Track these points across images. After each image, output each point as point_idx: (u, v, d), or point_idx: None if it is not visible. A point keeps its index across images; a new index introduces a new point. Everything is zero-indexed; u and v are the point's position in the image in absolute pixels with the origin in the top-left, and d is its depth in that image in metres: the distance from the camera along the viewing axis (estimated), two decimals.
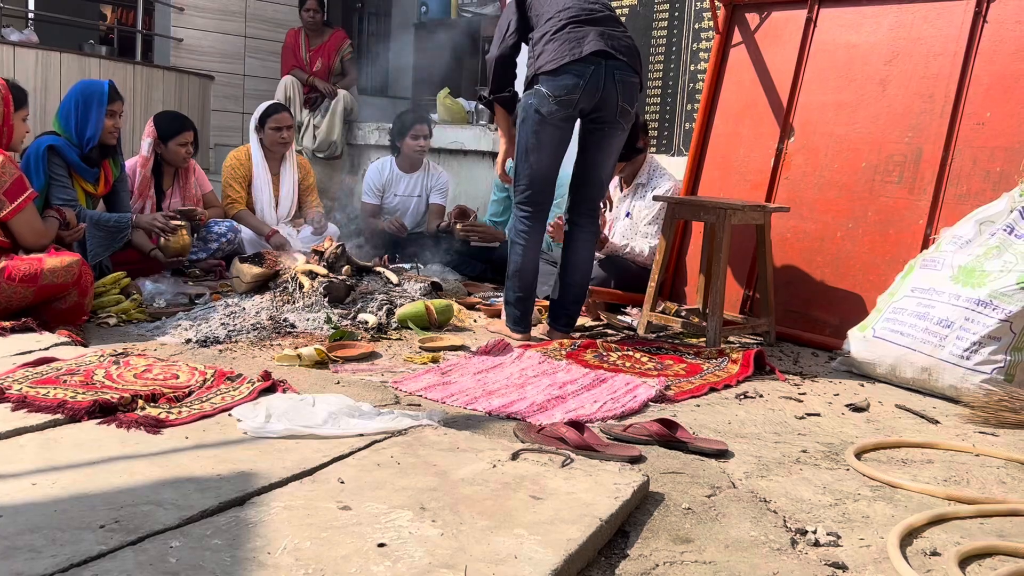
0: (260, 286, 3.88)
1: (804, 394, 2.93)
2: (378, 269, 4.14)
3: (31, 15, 6.82)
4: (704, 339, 3.54)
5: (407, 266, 4.74)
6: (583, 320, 3.93)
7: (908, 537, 1.80)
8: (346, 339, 3.30)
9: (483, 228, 4.98)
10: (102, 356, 2.68)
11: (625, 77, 3.30)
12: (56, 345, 2.82)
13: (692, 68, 4.93)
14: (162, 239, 4.02)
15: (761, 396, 2.87)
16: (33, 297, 3.08)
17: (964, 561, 1.69)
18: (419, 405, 2.54)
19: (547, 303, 4.22)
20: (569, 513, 1.69)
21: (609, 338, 3.60)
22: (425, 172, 5.46)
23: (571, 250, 3.54)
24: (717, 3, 4.28)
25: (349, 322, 3.53)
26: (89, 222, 3.71)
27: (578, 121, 3.43)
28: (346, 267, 3.96)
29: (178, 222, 4.08)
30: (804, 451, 2.33)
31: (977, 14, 3.54)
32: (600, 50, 3.23)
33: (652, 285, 3.76)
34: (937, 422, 2.69)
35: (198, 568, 1.40)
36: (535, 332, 3.57)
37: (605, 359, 3.22)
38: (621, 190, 4.47)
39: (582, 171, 3.48)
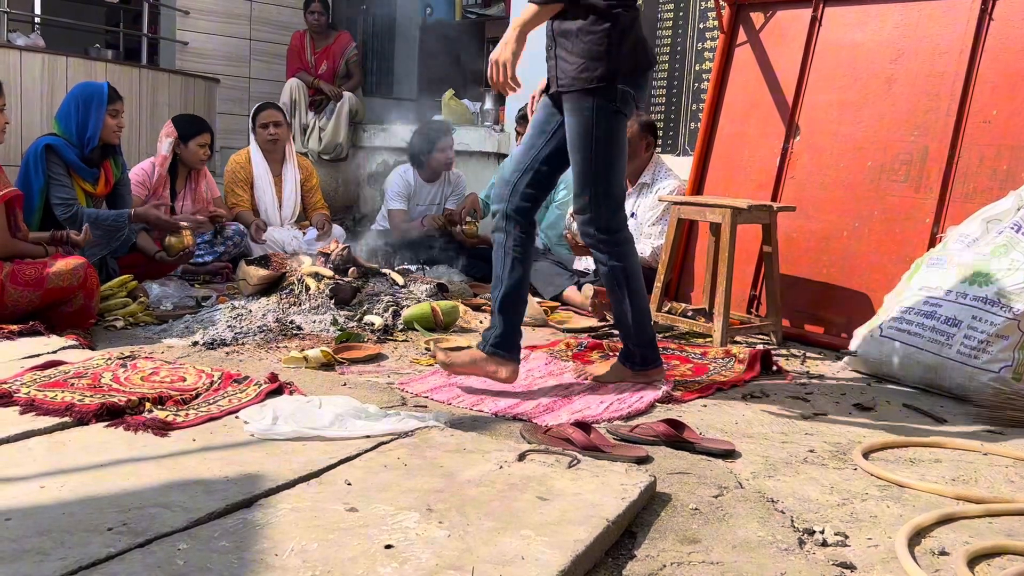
0: (266, 288, 3.88)
1: (811, 394, 2.92)
2: (384, 271, 4.15)
3: (37, 19, 6.84)
4: (710, 339, 3.54)
5: (413, 267, 4.75)
6: (588, 321, 3.93)
7: (916, 537, 1.79)
8: (352, 341, 3.30)
9: (474, 236, 5.03)
10: (109, 359, 2.69)
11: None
12: (64, 348, 2.83)
13: (697, 68, 4.92)
14: (166, 238, 4.00)
15: (768, 396, 2.87)
16: (39, 301, 3.09)
17: (973, 561, 1.69)
18: (425, 406, 2.54)
19: (554, 303, 4.24)
20: (576, 514, 1.69)
21: (615, 338, 3.60)
22: (444, 180, 5.44)
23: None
24: (722, 2, 4.28)
25: (355, 324, 3.54)
26: (86, 220, 3.72)
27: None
28: (352, 269, 3.96)
29: (184, 223, 4.08)
30: (811, 451, 2.33)
31: (983, 12, 3.52)
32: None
33: (658, 285, 3.75)
34: (945, 421, 2.69)
35: (205, 570, 1.40)
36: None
37: (611, 360, 3.21)
38: (625, 190, 4.46)
39: None
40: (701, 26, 4.93)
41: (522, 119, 4.93)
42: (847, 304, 3.68)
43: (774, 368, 3.18)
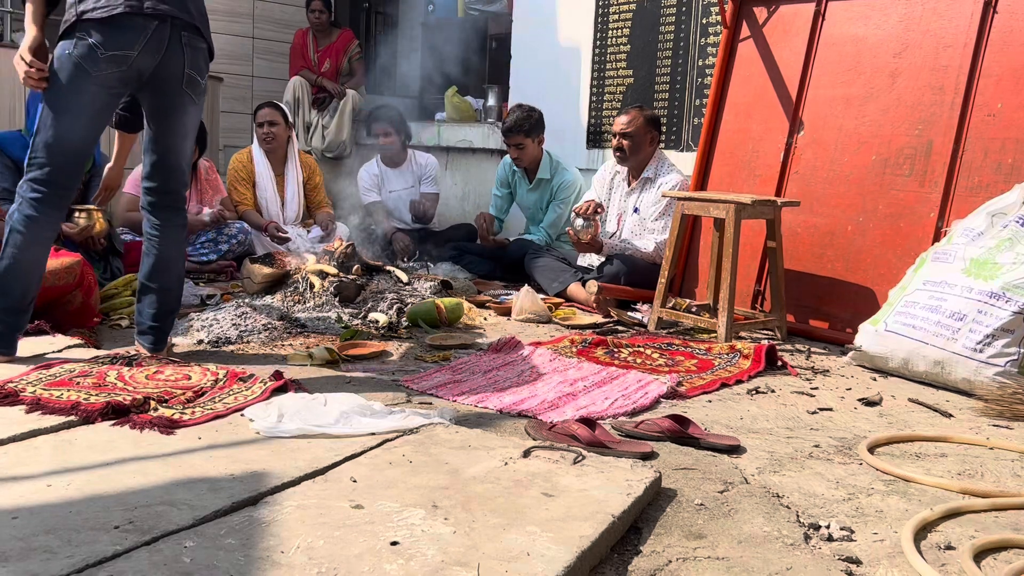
0: (271, 286, 3.89)
1: (816, 389, 2.92)
2: (388, 268, 4.15)
3: None
4: (715, 335, 3.53)
5: (417, 265, 4.76)
6: (593, 317, 3.93)
7: (922, 531, 1.79)
8: (357, 338, 3.31)
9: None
10: (115, 357, 2.70)
11: (194, 42, 2.75)
12: (69, 347, 2.83)
13: (700, 63, 4.92)
14: (74, 216, 3.68)
15: (773, 391, 2.86)
16: (37, 300, 3.07)
17: (979, 555, 1.68)
18: (430, 403, 2.54)
19: (558, 300, 4.24)
20: (581, 510, 1.69)
21: (620, 334, 3.60)
22: (411, 163, 5.53)
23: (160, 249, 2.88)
24: None
25: (360, 321, 3.54)
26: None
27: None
28: (356, 266, 3.97)
29: (93, 207, 3.75)
30: (817, 446, 2.33)
31: (987, 4, 3.51)
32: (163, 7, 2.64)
33: (662, 281, 3.75)
34: (950, 415, 2.68)
35: (212, 568, 1.41)
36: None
37: (616, 356, 3.21)
38: (628, 185, 4.46)
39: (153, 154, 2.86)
40: (704, 21, 4.92)
41: (509, 132, 4.94)
42: (852, 299, 3.68)
43: (779, 363, 3.18)
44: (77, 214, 3.70)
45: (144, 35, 2.62)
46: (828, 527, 1.78)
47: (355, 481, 1.80)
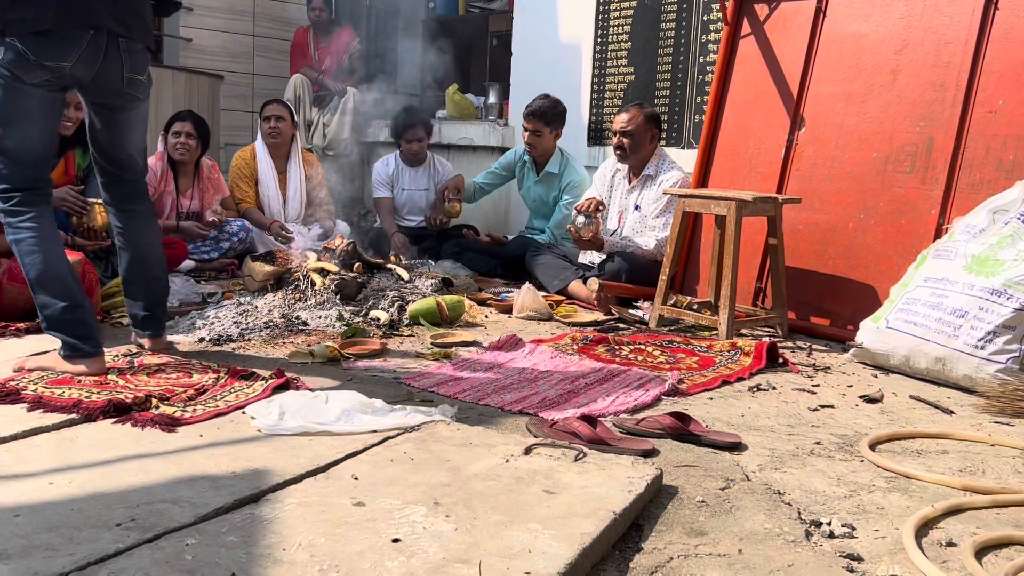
0: (272, 284, 3.89)
1: (817, 386, 2.92)
2: (389, 266, 4.15)
3: None
4: (716, 332, 3.53)
5: (418, 262, 4.76)
6: (594, 315, 3.93)
7: (924, 528, 1.79)
8: (358, 336, 3.31)
9: (455, 215, 5.23)
10: (116, 356, 2.70)
11: (132, 47, 2.66)
12: None
13: (701, 60, 4.91)
14: (74, 219, 3.66)
15: (774, 388, 2.86)
16: None
17: (980, 551, 1.68)
18: (431, 401, 2.54)
19: (559, 297, 4.24)
20: (583, 507, 1.69)
21: (621, 332, 3.60)
22: (430, 166, 5.51)
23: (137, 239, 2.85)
24: None
25: (361, 319, 3.54)
26: None
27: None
28: (357, 264, 3.97)
29: (93, 200, 3.69)
30: (818, 443, 2.33)
31: (988, 1, 3.51)
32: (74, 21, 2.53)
33: (663, 278, 3.75)
34: (952, 412, 2.68)
35: (214, 565, 1.41)
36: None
37: (617, 353, 3.21)
38: (629, 182, 4.46)
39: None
40: (705, 18, 4.91)
41: (530, 115, 4.93)
42: (853, 296, 3.67)
43: (780, 360, 3.18)
44: None
45: (79, 46, 2.53)
46: (829, 524, 1.78)
47: (356, 478, 1.81)
